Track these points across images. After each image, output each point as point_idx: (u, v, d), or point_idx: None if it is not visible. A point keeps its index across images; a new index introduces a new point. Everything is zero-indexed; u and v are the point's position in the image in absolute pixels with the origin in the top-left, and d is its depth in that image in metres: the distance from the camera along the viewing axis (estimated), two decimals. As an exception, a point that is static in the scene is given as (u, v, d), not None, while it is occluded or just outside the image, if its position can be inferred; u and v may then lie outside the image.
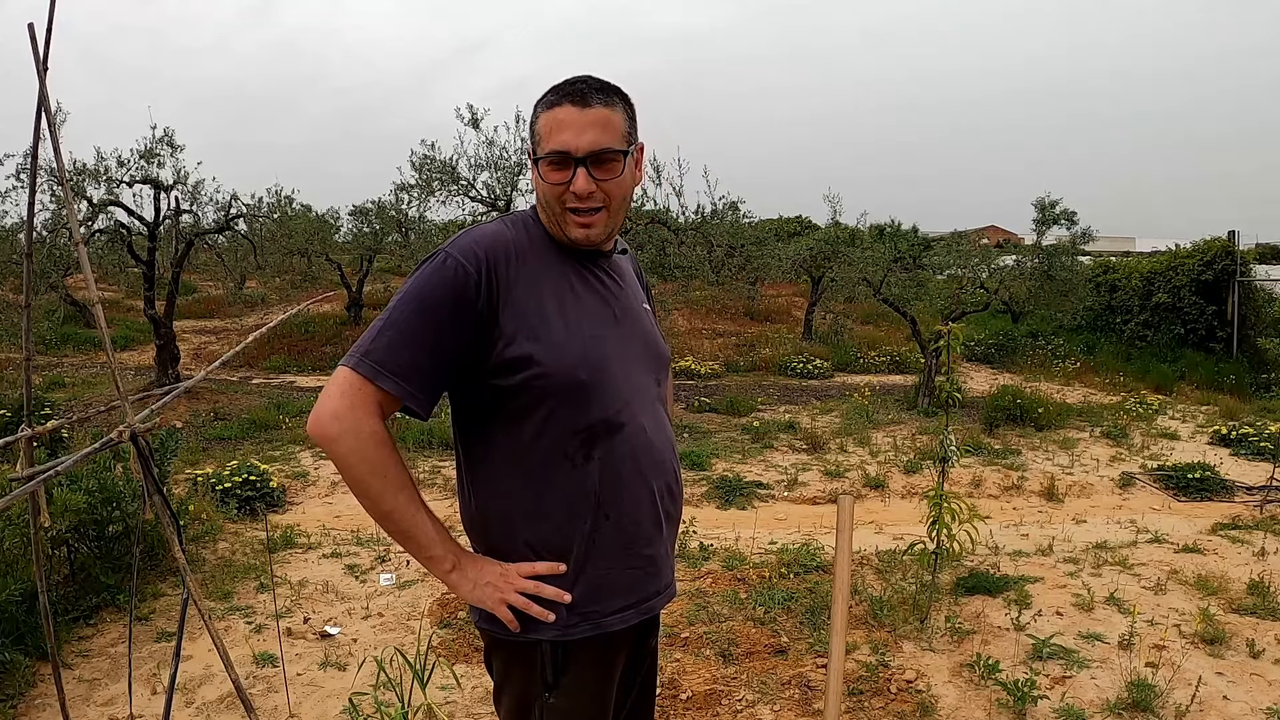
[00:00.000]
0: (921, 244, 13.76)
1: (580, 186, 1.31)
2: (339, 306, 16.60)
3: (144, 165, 9.58)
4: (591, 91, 1.32)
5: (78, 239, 1.35)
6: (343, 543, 4.87)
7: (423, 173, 10.29)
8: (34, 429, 1.46)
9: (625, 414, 1.37)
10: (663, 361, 1.52)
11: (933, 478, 6.38)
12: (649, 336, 1.49)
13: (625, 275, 1.51)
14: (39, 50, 1.30)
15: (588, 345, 1.34)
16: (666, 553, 1.48)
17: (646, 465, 1.40)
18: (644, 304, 1.53)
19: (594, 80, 1.34)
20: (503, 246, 1.34)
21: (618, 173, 1.33)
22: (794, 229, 22.17)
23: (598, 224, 1.36)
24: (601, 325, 1.39)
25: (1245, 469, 7.33)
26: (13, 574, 3.25)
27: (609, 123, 1.32)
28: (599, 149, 1.31)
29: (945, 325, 3.76)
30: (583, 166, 1.31)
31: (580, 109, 1.30)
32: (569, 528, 1.35)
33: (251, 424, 8.67)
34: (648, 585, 1.43)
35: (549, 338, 1.31)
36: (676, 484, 1.48)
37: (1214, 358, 12.89)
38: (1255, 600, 3.83)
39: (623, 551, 1.38)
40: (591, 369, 1.33)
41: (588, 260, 1.43)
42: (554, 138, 1.31)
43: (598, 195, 1.33)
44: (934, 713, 2.92)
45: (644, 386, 1.43)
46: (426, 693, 2.81)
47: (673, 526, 1.49)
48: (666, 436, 1.47)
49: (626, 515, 1.38)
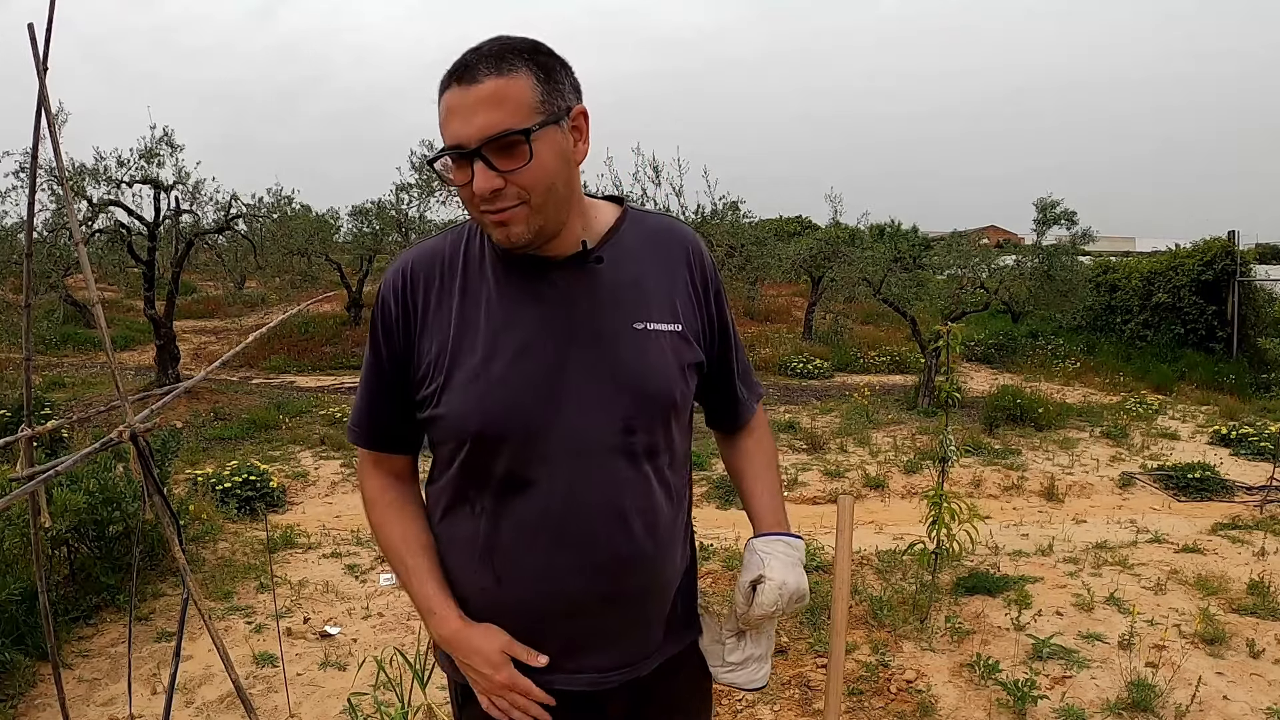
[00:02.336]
0: (921, 244, 13.76)
1: (479, 185, 1.04)
2: (339, 306, 16.60)
3: (144, 165, 9.58)
4: (481, 61, 1.03)
5: (78, 239, 1.35)
6: (343, 543, 4.88)
7: (422, 172, 10.29)
8: (34, 429, 1.46)
9: (537, 471, 1.13)
10: (645, 402, 1.16)
11: (933, 478, 6.38)
12: (624, 373, 1.15)
13: (605, 289, 1.17)
14: (39, 50, 1.30)
15: (491, 388, 1.12)
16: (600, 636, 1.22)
17: (560, 537, 1.15)
18: (646, 324, 1.18)
19: (489, 45, 1.05)
20: (428, 265, 1.18)
21: (524, 159, 1.03)
22: (794, 229, 22.18)
23: (516, 221, 1.07)
24: (536, 360, 1.13)
25: (1245, 469, 7.33)
26: (13, 574, 3.25)
27: (504, 96, 1.02)
28: (493, 133, 1.02)
29: (945, 325, 3.76)
30: (478, 159, 1.04)
31: (466, 87, 1.03)
32: (466, 576, 1.22)
33: (251, 424, 8.67)
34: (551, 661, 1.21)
35: (452, 376, 1.14)
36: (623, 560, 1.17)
37: (1214, 358, 12.89)
38: (1255, 600, 3.83)
39: (517, 620, 1.20)
40: (487, 418, 1.12)
41: (538, 270, 1.15)
42: (446, 129, 1.05)
43: (509, 190, 1.05)
44: (934, 713, 2.92)
45: (587, 437, 1.14)
46: (426, 693, 2.81)
47: (615, 608, 1.20)
48: (610, 505, 1.15)
49: (520, 586, 1.18)
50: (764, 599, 1.23)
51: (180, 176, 9.99)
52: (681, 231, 1.28)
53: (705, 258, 1.28)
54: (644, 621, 1.25)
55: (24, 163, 8.83)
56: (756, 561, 1.26)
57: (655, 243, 1.23)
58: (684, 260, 1.24)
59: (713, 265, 1.29)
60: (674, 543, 1.26)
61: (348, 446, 7.77)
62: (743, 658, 1.30)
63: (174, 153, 9.75)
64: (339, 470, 7.10)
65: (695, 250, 1.26)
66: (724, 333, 1.30)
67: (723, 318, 1.29)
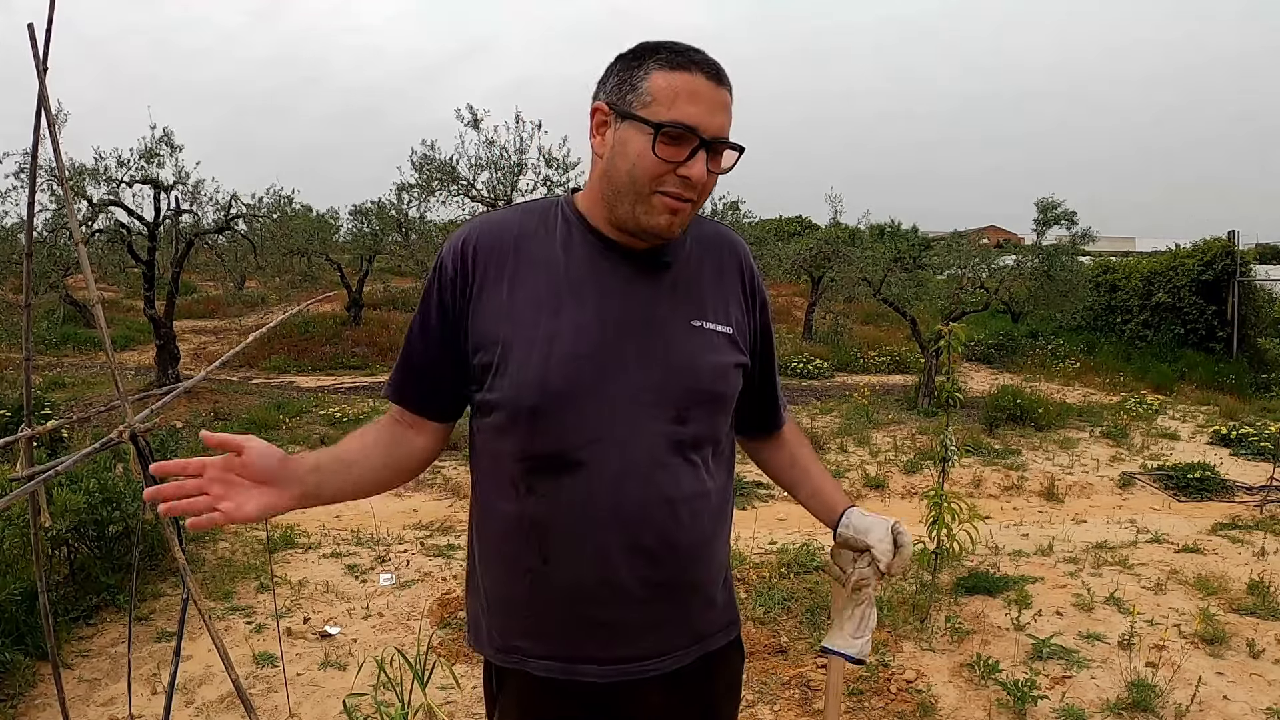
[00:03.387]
0: (921, 244, 13.76)
1: (698, 171, 1.11)
2: (339, 306, 16.60)
3: (144, 165, 9.59)
4: (720, 69, 1.13)
5: (78, 239, 1.35)
6: (343, 543, 4.88)
7: (423, 172, 10.31)
8: (34, 429, 1.46)
9: (589, 453, 1.14)
10: (698, 394, 1.19)
11: (933, 478, 6.38)
12: (679, 364, 1.18)
13: (666, 285, 1.22)
14: (39, 50, 1.30)
15: (555, 365, 1.14)
16: (641, 623, 1.22)
17: (609, 520, 1.16)
18: (703, 322, 1.22)
19: (707, 55, 1.14)
20: (496, 236, 1.20)
21: (723, 167, 1.16)
22: (794, 229, 22.18)
23: (684, 215, 1.15)
24: (594, 342, 1.15)
25: (1245, 469, 7.33)
26: (13, 574, 3.25)
27: (730, 108, 1.13)
28: (725, 136, 1.13)
29: (945, 325, 3.76)
30: (706, 150, 1.11)
31: (715, 85, 1.11)
32: (510, 560, 1.22)
33: (251, 424, 8.67)
34: (589, 648, 1.21)
35: (512, 350, 1.15)
36: (670, 546, 1.19)
37: (1214, 358, 12.89)
38: (1255, 600, 3.83)
39: (561, 604, 1.20)
40: (549, 395, 1.13)
41: (609, 260, 1.19)
42: (679, 107, 1.09)
43: (697, 185, 1.13)
44: (934, 713, 2.92)
45: (639, 424, 1.16)
46: (426, 693, 2.81)
47: (659, 594, 1.21)
48: (659, 491, 1.17)
49: (566, 569, 1.18)
50: (906, 541, 1.30)
51: (180, 176, 10.00)
52: (734, 239, 1.32)
53: (754, 266, 1.33)
54: (686, 613, 1.25)
55: (24, 163, 8.83)
56: (873, 520, 1.31)
57: (711, 248, 1.28)
58: (736, 267, 1.29)
59: (759, 273, 1.34)
60: (719, 536, 1.28)
61: (348, 446, 7.76)
62: (870, 627, 1.35)
63: (174, 153, 9.76)
64: (339, 470, 7.09)
65: (746, 258, 1.31)
66: (766, 339, 1.34)
67: (766, 324, 1.34)
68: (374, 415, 8.68)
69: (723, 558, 1.31)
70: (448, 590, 4.04)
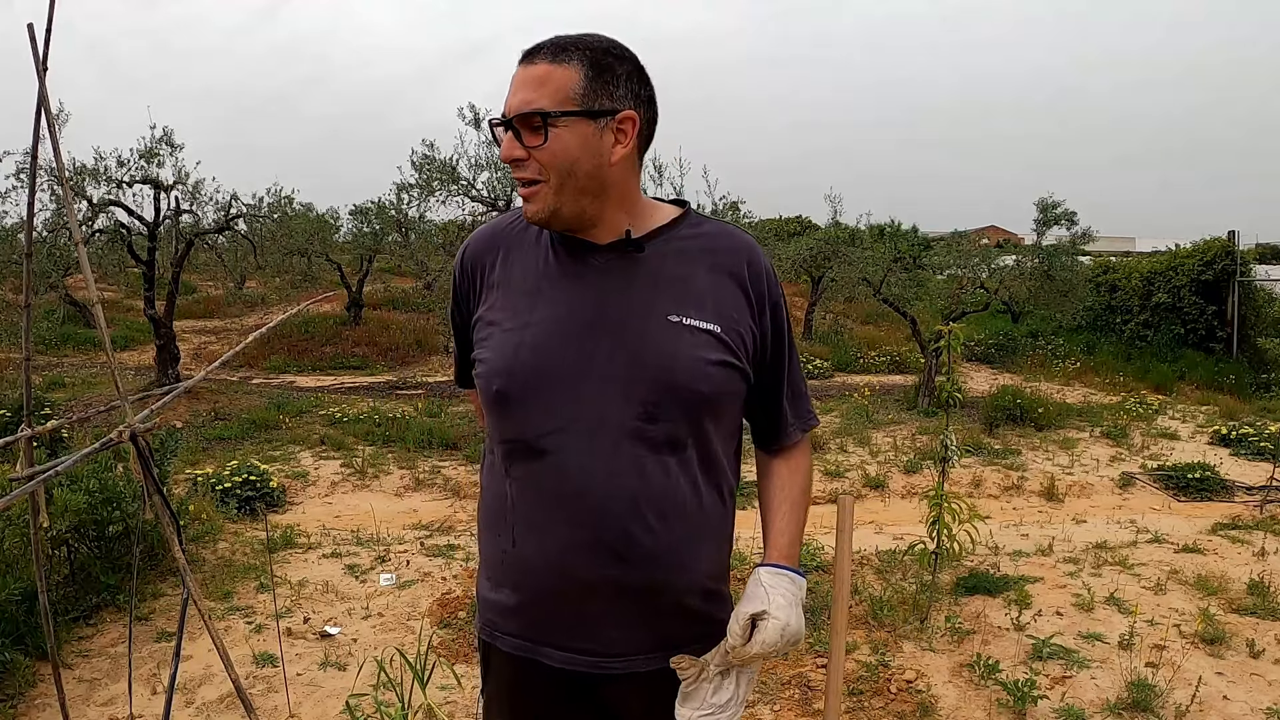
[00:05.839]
0: (921, 244, 13.77)
1: (503, 153, 1.16)
2: (339, 306, 16.59)
3: (144, 165, 9.58)
4: (545, 46, 1.14)
5: (78, 239, 1.35)
6: (343, 543, 4.88)
7: (423, 172, 10.30)
8: (34, 429, 1.46)
9: (552, 441, 1.16)
10: (668, 391, 1.16)
11: (933, 478, 6.38)
12: (650, 358, 1.16)
13: (645, 279, 1.20)
14: (38, 50, 1.30)
15: (519, 353, 1.18)
16: (602, 619, 1.20)
17: (572, 510, 1.17)
18: (681, 317, 1.18)
19: (568, 36, 1.15)
20: (491, 238, 1.30)
21: (540, 140, 1.12)
22: (794, 229, 22.17)
23: (535, 199, 1.16)
24: (563, 333, 1.17)
25: (1245, 469, 7.33)
26: (13, 574, 3.25)
27: (546, 80, 1.12)
28: (524, 110, 1.12)
29: (945, 325, 3.76)
30: (508, 129, 1.15)
31: (525, 66, 1.14)
32: (491, 536, 1.28)
33: (251, 424, 8.67)
34: (553, 634, 1.23)
35: (493, 339, 1.22)
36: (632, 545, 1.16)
37: (1214, 358, 12.89)
38: (1255, 600, 3.83)
39: (526, 587, 1.23)
40: (512, 380, 1.18)
41: (582, 254, 1.21)
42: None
43: (530, 165, 1.14)
44: (934, 713, 2.92)
45: (605, 417, 1.15)
46: (426, 693, 2.81)
47: (622, 593, 1.19)
48: (622, 486, 1.15)
49: (531, 553, 1.21)
50: (766, 637, 1.17)
51: (180, 176, 9.98)
52: (740, 240, 1.28)
53: (765, 268, 1.27)
54: (652, 617, 1.22)
55: (24, 163, 8.83)
56: (761, 595, 1.20)
57: (710, 247, 1.25)
58: (739, 267, 1.24)
59: (774, 277, 1.29)
60: (697, 544, 1.23)
61: (347, 446, 7.77)
62: (727, 699, 1.22)
63: (174, 153, 9.74)
64: (339, 470, 7.10)
65: (753, 260, 1.26)
66: (778, 346, 1.29)
67: (779, 331, 1.28)
68: (374, 415, 8.70)
69: (706, 567, 1.25)
70: (448, 590, 4.04)
